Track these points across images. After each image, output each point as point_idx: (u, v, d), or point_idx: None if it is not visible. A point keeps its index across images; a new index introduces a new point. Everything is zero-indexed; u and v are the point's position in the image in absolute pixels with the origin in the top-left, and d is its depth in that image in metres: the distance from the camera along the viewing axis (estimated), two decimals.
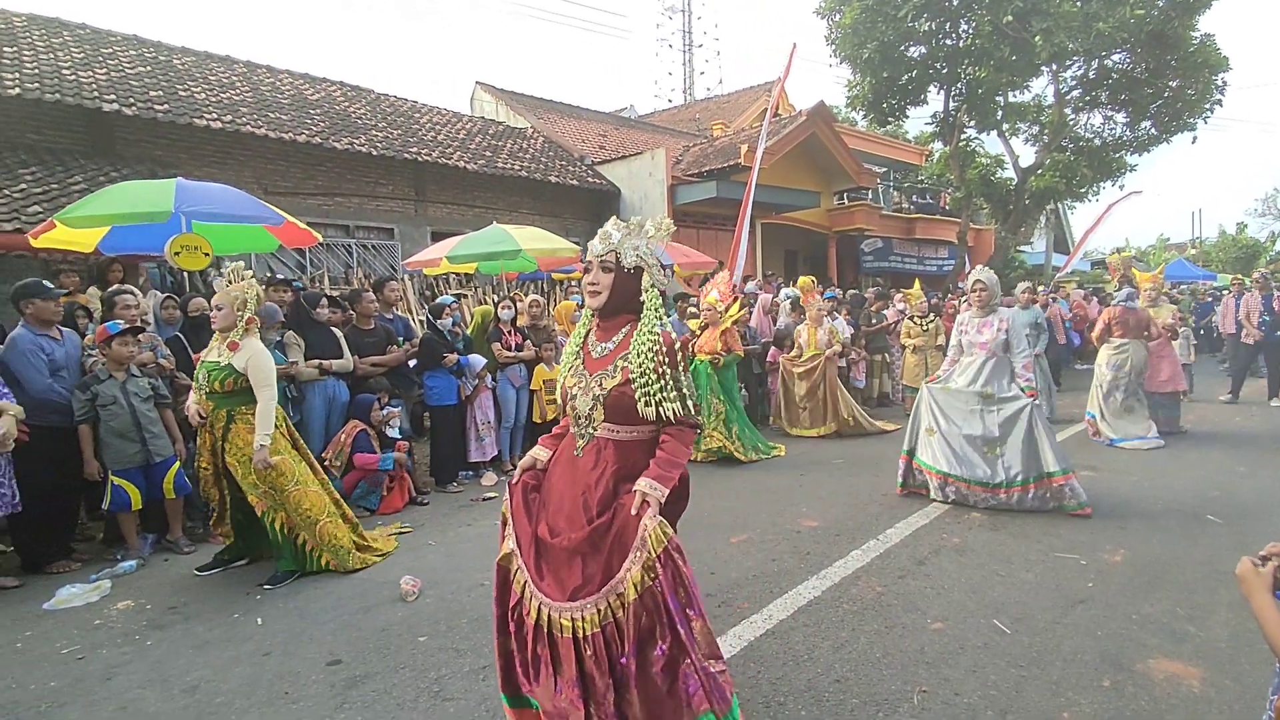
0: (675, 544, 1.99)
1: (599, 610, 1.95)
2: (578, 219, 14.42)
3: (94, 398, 4.08)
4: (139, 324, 4.55)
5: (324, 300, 5.64)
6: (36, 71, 8.80)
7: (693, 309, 7.70)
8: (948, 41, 14.68)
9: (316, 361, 5.24)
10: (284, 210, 6.10)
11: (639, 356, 2.02)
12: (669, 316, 2.26)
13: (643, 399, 2.01)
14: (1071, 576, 3.57)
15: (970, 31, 14.21)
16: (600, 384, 2.07)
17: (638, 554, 1.95)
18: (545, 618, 2.02)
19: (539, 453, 2.28)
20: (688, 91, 37.87)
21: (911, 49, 14.88)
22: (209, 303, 4.49)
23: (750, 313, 8.53)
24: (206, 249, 5.22)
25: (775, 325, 8.91)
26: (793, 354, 7.86)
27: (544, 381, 6.31)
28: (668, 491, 2.01)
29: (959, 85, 15.55)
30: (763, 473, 6.10)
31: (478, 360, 5.91)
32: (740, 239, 11.17)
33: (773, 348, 8.38)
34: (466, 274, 10.01)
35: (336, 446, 5.12)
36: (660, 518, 1.98)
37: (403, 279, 9.99)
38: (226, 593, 3.72)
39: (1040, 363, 8.38)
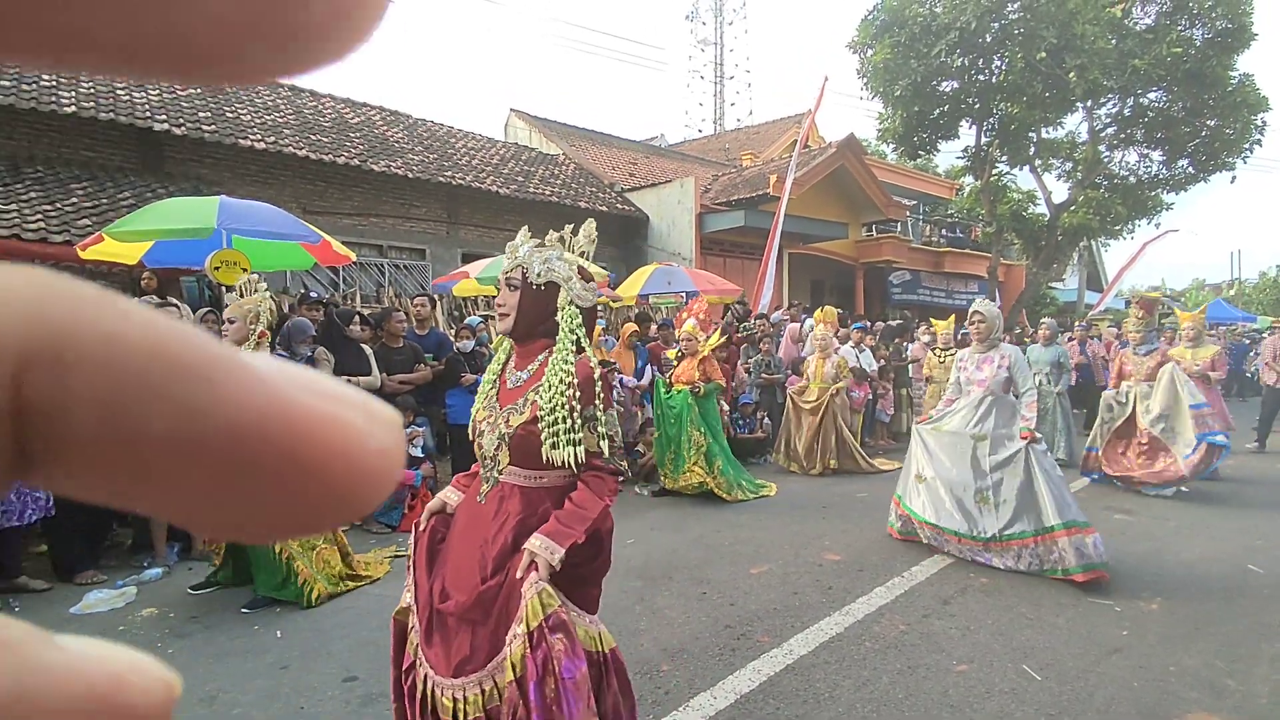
0: (558, 620, 1.65)
1: (483, 691, 1.67)
2: (606, 244, 14.56)
3: None
4: None
5: (356, 318, 5.75)
6: (92, 91, 9.19)
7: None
8: (980, 77, 14.69)
9: (344, 378, 5.32)
10: (321, 229, 6.25)
11: (549, 390, 1.76)
12: (583, 339, 1.81)
13: (549, 439, 1.73)
14: (1105, 623, 3.45)
15: (1003, 68, 14.22)
16: (507, 420, 1.80)
17: (518, 628, 1.65)
18: (429, 692, 1.77)
19: (449, 495, 2.00)
20: (718, 122, 38.30)
21: (943, 84, 14.91)
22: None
23: (733, 345, 8.21)
24: (245, 264, 5.36)
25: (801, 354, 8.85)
26: (801, 384, 7.65)
27: None
28: (563, 550, 1.68)
29: (991, 120, 15.52)
30: (785, 504, 6.02)
31: None
32: (767, 268, 11.23)
33: (792, 375, 8.29)
34: (494, 295, 10.13)
35: None
36: (545, 585, 1.66)
37: (432, 297, 10.16)
38: (247, 603, 3.75)
39: (1061, 402, 8.14)
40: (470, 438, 1.93)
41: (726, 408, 7.79)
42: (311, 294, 7.04)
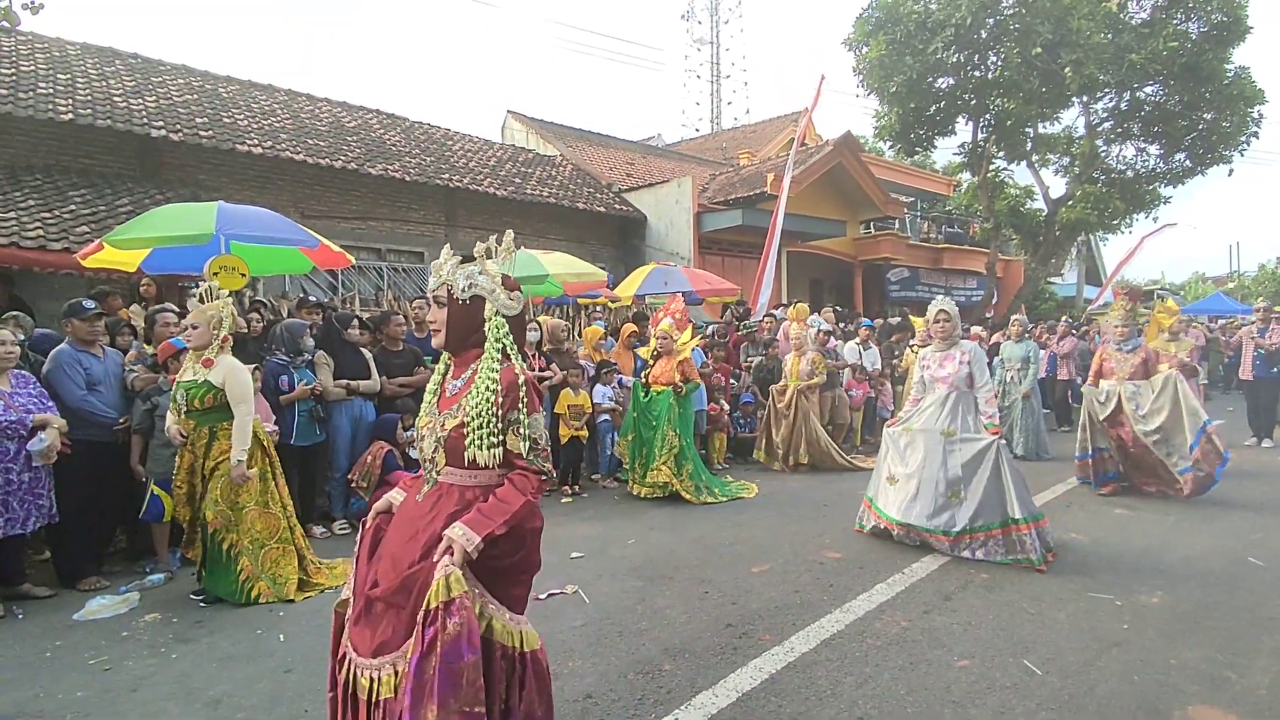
0: (461, 605, 1.70)
1: (396, 671, 1.74)
2: (605, 245, 14.58)
3: (154, 408, 4.20)
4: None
5: (355, 321, 5.75)
6: (89, 98, 9.19)
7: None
8: (976, 73, 14.71)
9: (344, 382, 5.33)
10: (319, 233, 6.27)
11: (475, 396, 1.88)
12: (509, 348, 1.96)
13: (471, 441, 1.85)
14: (1106, 617, 3.46)
15: (999, 63, 14.24)
16: (443, 425, 1.92)
17: (424, 608, 1.72)
18: (350, 674, 1.85)
19: (395, 496, 2.11)
20: (715, 121, 38.25)
21: (940, 80, 14.93)
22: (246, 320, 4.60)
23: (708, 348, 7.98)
24: (244, 270, 5.36)
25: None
26: (780, 384, 7.59)
27: (569, 406, 6.34)
28: (479, 538, 1.77)
29: (988, 116, 15.53)
30: (785, 503, 6.03)
31: None
32: (766, 267, 11.23)
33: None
34: None
35: (363, 467, 5.18)
36: (455, 570, 1.73)
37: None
38: (250, 608, 3.76)
39: (1030, 404, 8.08)
40: (415, 443, 2.02)
41: (726, 406, 7.80)
42: (310, 298, 7.04)
